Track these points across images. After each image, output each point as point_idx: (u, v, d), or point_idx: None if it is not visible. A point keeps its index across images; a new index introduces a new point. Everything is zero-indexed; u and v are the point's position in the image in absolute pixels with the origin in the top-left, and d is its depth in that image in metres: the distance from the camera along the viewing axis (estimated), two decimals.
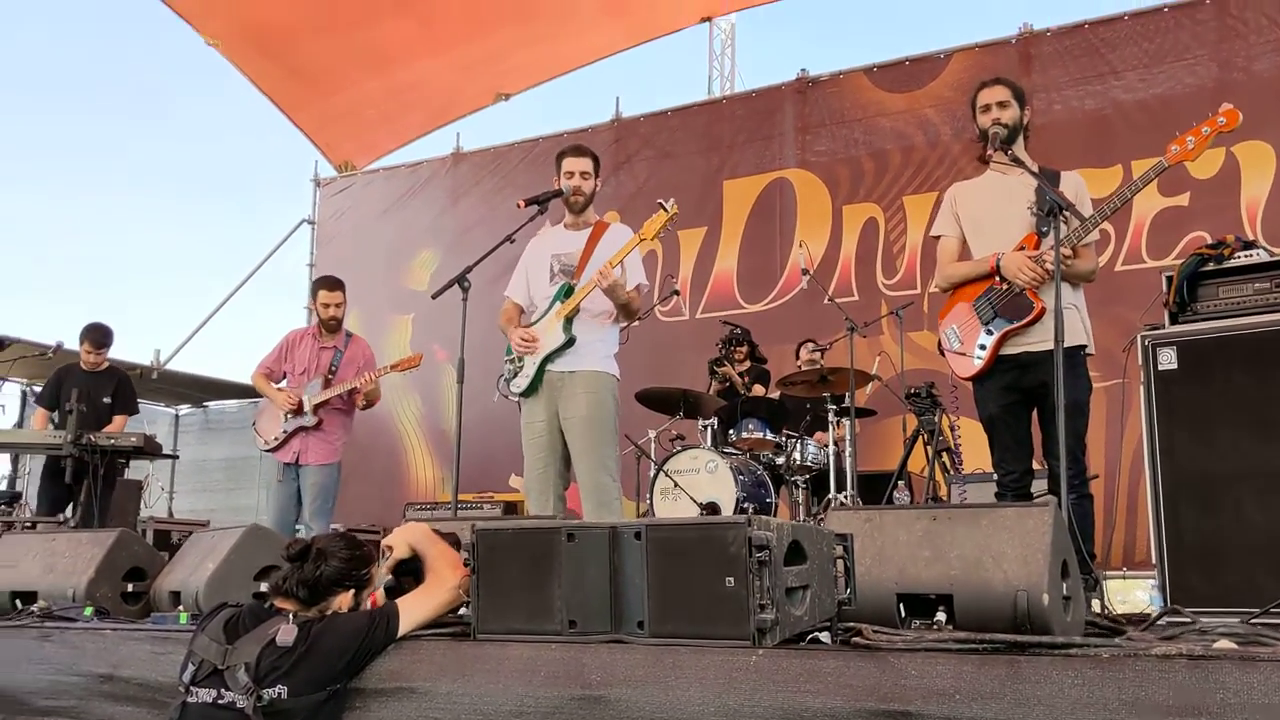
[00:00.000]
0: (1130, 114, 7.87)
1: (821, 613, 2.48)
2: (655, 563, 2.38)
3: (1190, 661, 1.82)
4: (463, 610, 2.99)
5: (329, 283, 6.57)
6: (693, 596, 2.32)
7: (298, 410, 6.23)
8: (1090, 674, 1.87)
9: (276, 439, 6.28)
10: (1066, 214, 3.73)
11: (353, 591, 2.73)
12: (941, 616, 2.65)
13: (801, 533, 2.42)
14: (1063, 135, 7.92)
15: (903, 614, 2.71)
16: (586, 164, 4.94)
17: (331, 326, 6.50)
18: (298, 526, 6.23)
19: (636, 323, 5.42)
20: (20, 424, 7.80)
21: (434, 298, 4.88)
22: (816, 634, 2.48)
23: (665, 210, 4.63)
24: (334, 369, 6.36)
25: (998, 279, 4.17)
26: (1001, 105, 4.20)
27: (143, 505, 9.06)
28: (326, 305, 6.46)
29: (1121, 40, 8.02)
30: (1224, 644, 1.97)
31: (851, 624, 2.51)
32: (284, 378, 6.50)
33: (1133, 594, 7.94)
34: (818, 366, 7.29)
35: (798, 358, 7.79)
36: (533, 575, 2.53)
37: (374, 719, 2.49)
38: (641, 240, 4.67)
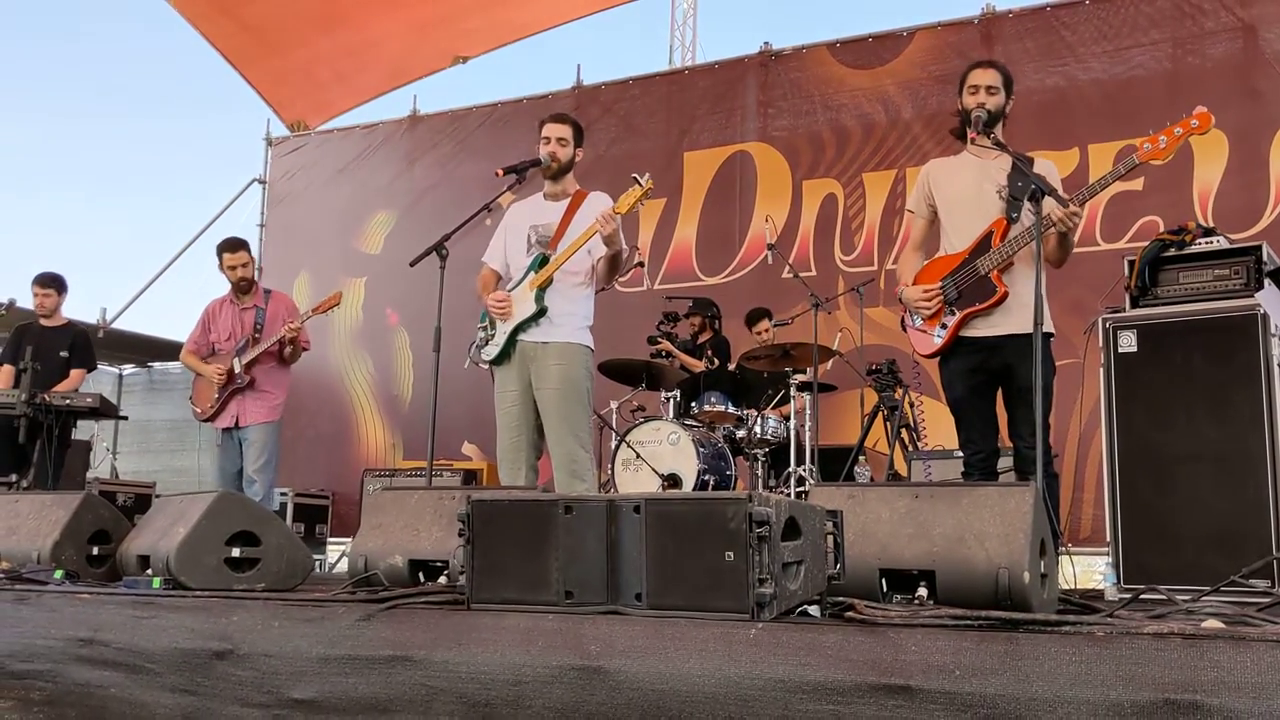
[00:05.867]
0: (1089, 97, 7.97)
1: (813, 587, 2.53)
2: (654, 536, 2.40)
3: (1185, 640, 1.89)
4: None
5: (230, 245, 6.40)
6: (691, 570, 2.35)
7: (229, 379, 6.13)
8: (1088, 651, 1.92)
9: (212, 406, 6.17)
10: (1046, 197, 3.78)
11: None
12: (923, 592, 2.71)
13: (797, 509, 2.46)
14: (1021, 116, 7.87)
15: (885, 589, 2.78)
16: (565, 130, 4.82)
17: (243, 288, 6.38)
18: (243, 488, 6.09)
19: (602, 290, 5.39)
20: None
21: (412, 265, 4.76)
22: (806, 608, 2.53)
23: (640, 184, 4.55)
24: (259, 327, 6.26)
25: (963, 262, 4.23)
26: (990, 90, 4.22)
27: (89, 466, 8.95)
28: (233, 268, 6.32)
29: (1081, 22, 8.12)
30: (1212, 624, 2.04)
31: (840, 599, 2.57)
32: (212, 350, 6.38)
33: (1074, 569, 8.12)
34: (772, 341, 7.35)
35: (750, 329, 7.80)
36: (528, 547, 2.54)
37: (369, 686, 2.49)
38: (616, 213, 4.59)
